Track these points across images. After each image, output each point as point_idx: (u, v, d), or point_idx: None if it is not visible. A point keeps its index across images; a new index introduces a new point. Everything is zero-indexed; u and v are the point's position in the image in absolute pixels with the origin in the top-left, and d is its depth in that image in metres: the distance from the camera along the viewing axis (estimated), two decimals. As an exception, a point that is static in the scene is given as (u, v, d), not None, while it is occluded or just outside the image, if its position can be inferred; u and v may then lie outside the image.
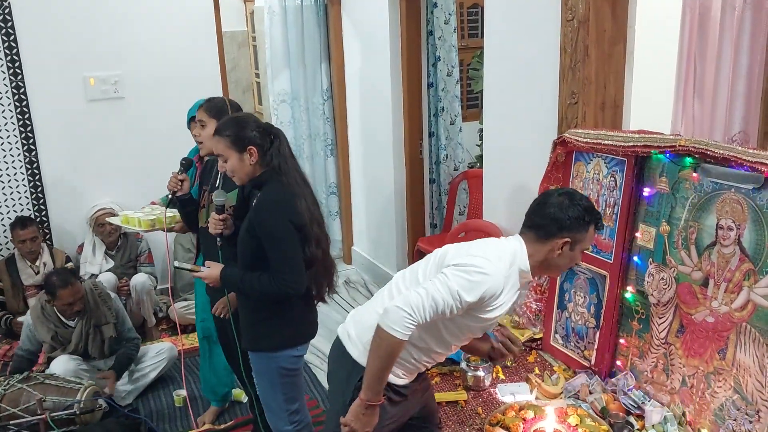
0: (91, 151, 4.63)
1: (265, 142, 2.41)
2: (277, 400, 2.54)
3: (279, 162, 2.40)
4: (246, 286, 2.41)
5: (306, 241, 2.40)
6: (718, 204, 2.25)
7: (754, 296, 2.13)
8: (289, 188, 2.39)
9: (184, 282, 4.71)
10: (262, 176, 2.42)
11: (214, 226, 2.57)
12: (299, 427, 2.59)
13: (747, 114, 2.65)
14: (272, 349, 2.48)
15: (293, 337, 2.51)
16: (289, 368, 2.52)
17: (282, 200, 2.36)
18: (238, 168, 2.41)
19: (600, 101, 2.91)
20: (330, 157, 5.53)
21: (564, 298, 2.90)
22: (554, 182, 2.94)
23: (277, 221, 2.34)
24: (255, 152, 2.39)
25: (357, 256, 5.57)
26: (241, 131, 2.39)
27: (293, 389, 2.56)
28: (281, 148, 2.42)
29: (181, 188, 2.89)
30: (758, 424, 2.12)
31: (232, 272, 2.45)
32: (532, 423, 2.35)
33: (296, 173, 2.44)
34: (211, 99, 2.92)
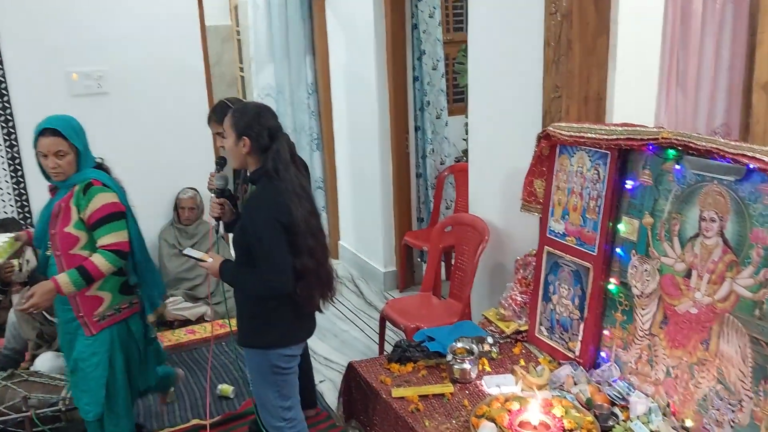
0: (75, 146, 4.59)
1: (262, 140, 2.40)
2: (270, 396, 2.54)
3: (277, 166, 2.40)
4: (237, 282, 2.44)
5: (298, 251, 2.40)
6: (700, 196, 2.27)
7: (737, 287, 2.15)
8: (283, 192, 2.38)
9: (170, 278, 4.69)
10: (257, 173, 2.44)
11: (213, 209, 2.63)
12: (292, 424, 2.59)
13: (729, 106, 2.67)
14: (264, 346, 2.49)
15: (285, 337, 2.51)
16: (281, 367, 2.53)
17: (272, 199, 2.37)
18: (230, 150, 2.47)
19: (583, 94, 2.92)
20: (316, 151, 5.52)
21: (548, 291, 2.91)
22: (539, 176, 2.95)
23: (263, 219, 2.34)
24: (248, 144, 2.41)
25: (344, 251, 5.57)
26: (243, 118, 2.42)
27: (286, 386, 2.56)
28: (281, 152, 2.41)
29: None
30: (741, 414, 2.14)
31: (229, 267, 2.48)
32: (518, 414, 2.36)
33: (295, 181, 2.42)
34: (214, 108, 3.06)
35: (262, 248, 2.34)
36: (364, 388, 2.82)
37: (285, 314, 2.48)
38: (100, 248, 2.75)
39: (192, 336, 4.43)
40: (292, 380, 2.59)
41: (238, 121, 2.42)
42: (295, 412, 2.60)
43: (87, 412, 2.87)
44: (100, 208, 2.75)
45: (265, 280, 2.35)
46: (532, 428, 2.30)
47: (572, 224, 2.78)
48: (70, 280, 2.69)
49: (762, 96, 2.37)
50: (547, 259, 2.92)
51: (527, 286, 3.06)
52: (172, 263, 4.68)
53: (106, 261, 2.74)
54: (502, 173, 3.45)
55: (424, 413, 2.51)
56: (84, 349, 2.83)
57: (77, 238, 2.77)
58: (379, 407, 2.70)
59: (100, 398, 2.86)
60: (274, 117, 2.48)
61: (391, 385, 2.70)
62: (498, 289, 3.57)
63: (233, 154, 2.47)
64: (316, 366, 3.97)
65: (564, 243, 2.82)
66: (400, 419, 2.53)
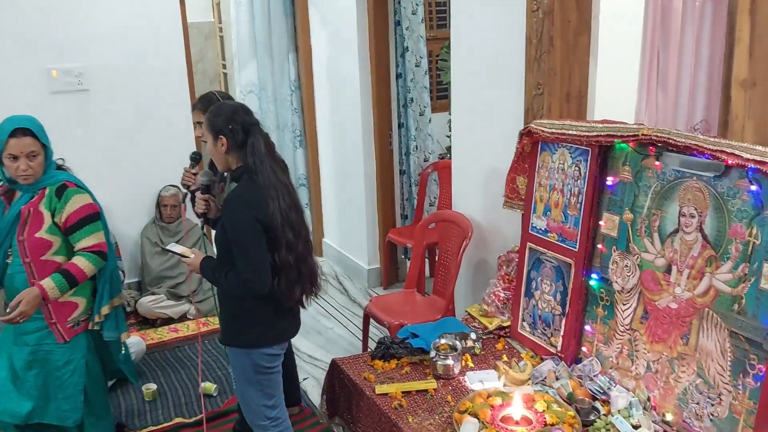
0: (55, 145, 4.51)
1: (237, 136, 2.39)
2: (253, 395, 2.53)
3: (254, 160, 2.39)
4: (217, 280, 2.42)
5: (276, 246, 2.38)
6: (680, 192, 2.29)
7: (716, 282, 2.18)
8: (261, 188, 2.37)
9: (152, 276, 4.66)
10: (238, 171, 2.44)
11: (198, 205, 2.62)
12: (276, 423, 2.58)
13: (708, 103, 2.70)
14: (246, 345, 2.47)
15: (267, 336, 2.50)
16: (264, 366, 2.51)
17: (249, 197, 2.35)
18: (212, 152, 2.46)
19: (565, 92, 2.94)
20: (299, 148, 5.50)
21: (531, 287, 2.93)
22: (521, 172, 2.97)
23: (241, 218, 2.33)
24: (225, 142, 2.40)
25: (327, 248, 5.57)
26: (215, 118, 2.42)
27: (270, 385, 2.55)
28: (256, 147, 2.40)
29: (194, 182, 2.90)
30: (719, 407, 2.17)
31: (209, 264, 2.47)
32: (500, 409, 2.38)
33: (272, 175, 2.41)
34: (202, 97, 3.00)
35: (240, 247, 2.34)
36: (347, 385, 2.82)
37: (267, 313, 2.47)
38: (82, 250, 2.70)
39: (175, 334, 4.41)
40: (275, 379, 2.58)
41: (213, 121, 2.42)
42: (279, 411, 2.59)
43: (66, 419, 2.80)
44: (78, 210, 2.70)
45: (243, 279, 2.34)
46: (514, 423, 2.32)
47: (554, 221, 2.79)
48: (56, 284, 2.63)
49: (740, 93, 2.39)
50: (530, 256, 2.93)
51: (510, 282, 3.08)
52: (155, 261, 4.65)
53: (90, 263, 2.70)
54: (485, 170, 3.46)
55: (407, 409, 2.52)
56: (59, 357, 2.75)
57: (50, 243, 2.68)
58: (362, 404, 2.70)
59: (79, 404, 2.81)
60: (248, 114, 2.47)
61: (374, 381, 2.71)
62: (481, 285, 3.59)
63: (215, 156, 2.46)
64: (300, 363, 3.97)
65: (546, 239, 2.83)
66: (383, 416, 2.54)
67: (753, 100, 2.36)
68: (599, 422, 2.31)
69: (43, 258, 2.68)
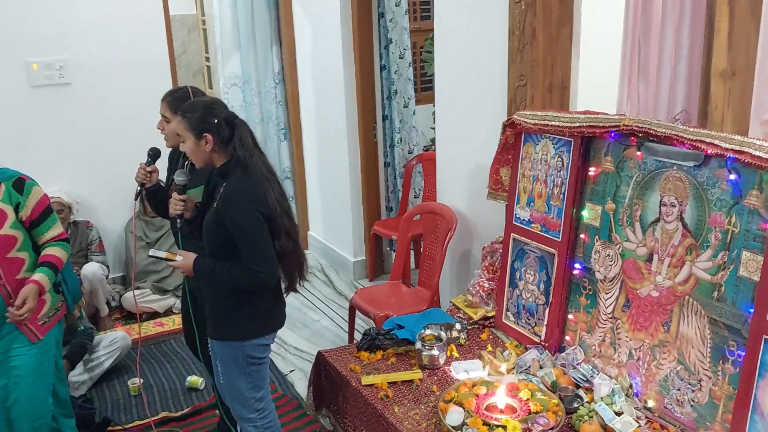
0: (36, 139, 4.50)
1: (223, 132, 2.38)
2: (243, 388, 2.52)
3: (243, 154, 2.39)
4: (218, 277, 2.40)
5: (276, 234, 2.41)
6: (661, 182, 2.32)
7: (696, 270, 2.21)
8: (255, 180, 2.38)
9: (138, 270, 4.64)
10: (227, 166, 2.41)
11: (174, 206, 2.55)
12: (263, 415, 2.58)
13: (688, 94, 2.73)
14: (239, 338, 2.48)
15: (260, 327, 2.51)
16: (256, 357, 2.52)
17: (249, 191, 2.36)
18: (193, 152, 2.42)
19: (548, 83, 2.96)
20: (283, 141, 5.49)
21: (515, 277, 2.95)
22: (505, 163, 2.99)
23: (245, 212, 2.33)
24: (211, 140, 2.37)
25: (313, 240, 5.57)
26: (200, 116, 2.38)
27: (259, 377, 2.55)
28: (243, 139, 2.40)
29: (149, 180, 2.84)
30: (700, 393, 2.21)
31: (204, 262, 2.44)
32: (485, 398, 2.40)
33: (262, 165, 2.43)
34: (174, 91, 2.85)
35: (247, 241, 2.34)
36: (333, 377, 2.84)
37: (261, 304, 2.48)
38: (54, 240, 2.66)
39: (160, 328, 4.40)
40: (264, 371, 2.58)
41: (192, 120, 2.38)
42: (266, 402, 2.60)
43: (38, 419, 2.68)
44: (40, 201, 2.65)
45: (253, 271, 2.35)
46: (499, 411, 2.34)
47: (537, 211, 2.82)
48: (48, 277, 2.57)
49: (720, 83, 2.42)
50: (513, 246, 2.96)
51: (494, 272, 3.10)
52: (139, 256, 4.63)
53: (64, 251, 2.67)
54: (469, 162, 3.48)
55: (393, 400, 2.54)
56: (29, 361, 2.63)
57: (15, 239, 2.58)
58: (348, 395, 2.72)
59: (50, 405, 2.72)
60: (225, 107, 2.47)
61: (360, 373, 2.72)
62: (466, 276, 3.61)
63: (196, 155, 2.42)
64: (286, 356, 3.98)
65: (529, 230, 2.86)
66: (369, 406, 2.56)
67: (732, 90, 2.39)
68: (583, 409, 2.34)
69: (9, 256, 2.57)
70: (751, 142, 1.98)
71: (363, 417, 2.63)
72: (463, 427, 2.26)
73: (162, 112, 2.80)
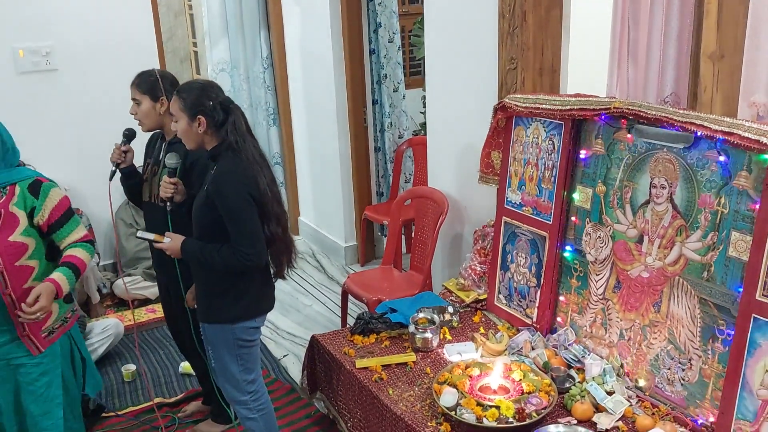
0: (23, 126, 4.41)
1: (217, 116, 2.40)
2: (235, 371, 2.54)
3: (236, 138, 2.40)
4: (207, 258, 2.41)
5: (267, 219, 2.43)
6: (651, 163, 2.34)
7: (686, 251, 2.24)
8: (246, 163, 2.39)
9: (128, 257, 4.63)
10: (218, 149, 2.43)
11: (165, 189, 2.57)
12: (255, 397, 2.60)
13: (678, 76, 2.74)
14: (228, 321, 2.49)
15: (250, 310, 2.52)
16: (246, 339, 2.54)
17: (240, 173, 2.37)
18: (185, 132, 2.43)
19: (538, 66, 2.96)
20: (272, 126, 5.47)
21: (506, 260, 2.98)
22: (496, 147, 3.00)
23: (235, 194, 2.35)
24: (204, 122, 2.39)
25: (304, 226, 5.57)
26: (196, 98, 2.39)
27: (250, 359, 2.57)
28: (237, 124, 2.42)
29: (124, 160, 2.83)
30: (690, 371, 2.24)
31: (192, 244, 2.46)
32: (478, 379, 2.43)
33: (254, 150, 2.45)
34: (142, 74, 2.81)
35: (237, 223, 2.36)
36: (327, 361, 2.86)
37: (251, 287, 2.49)
38: (78, 242, 2.50)
39: (152, 315, 4.39)
40: (255, 353, 2.60)
41: (187, 101, 2.39)
42: (258, 384, 2.62)
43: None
44: (59, 204, 2.48)
45: (242, 253, 2.36)
46: (492, 392, 2.37)
47: (528, 194, 2.83)
48: (66, 278, 2.38)
49: (709, 65, 2.44)
50: (505, 229, 2.98)
51: (486, 256, 3.12)
52: (130, 243, 4.62)
53: (87, 252, 2.50)
54: (460, 146, 3.48)
55: (387, 382, 2.56)
56: (31, 370, 2.49)
57: (26, 247, 2.41)
58: (343, 378, 2.74)
59: (59, 418, 2.57)
60: (221, 90, 2.49)
61: (354, 356, 2.74)
62: (457, 260, 3.63)
63: (188, 136, 2.43)
64: (279, 341, 3.99)
65: (521, 213, 2.87)
66: (364, 389, 2.58)
67: (721, 72, 2.40)
68: (574, 389, 2.37)
69: (17, 263, 2.40)
70: (741, 123, 2.00)
71: (357, 400, 2.65)
72: (457, 407, 2.29)
73: (132, 96, 2.79)
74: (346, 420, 2.79)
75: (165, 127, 2.77)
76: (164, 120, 2.74)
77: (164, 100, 2.72)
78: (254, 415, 2.60)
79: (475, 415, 2.24)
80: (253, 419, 2.61)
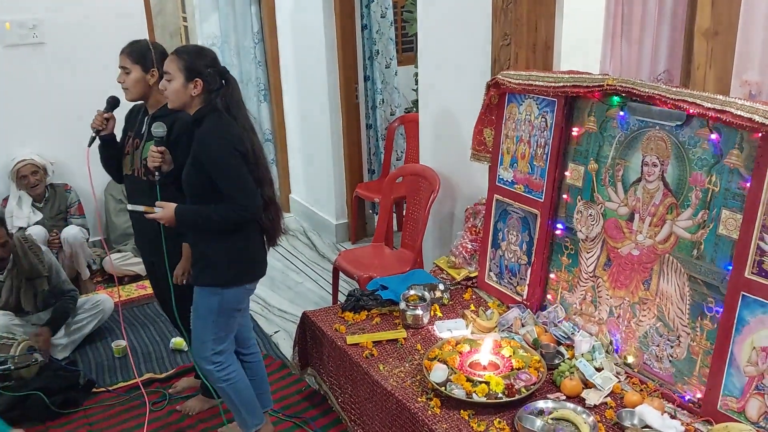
0: (9, 100, 4.40)
1: (214, 82, 2.41)
2: (206, 338, 2.55)
3: (228, 105, 2.42)
4: (203, 219, 2.42)
5: (260, 182, 2.45)
6: (643, 141, 2.33)
7: (677, 229, 2.24)
8: (232, 123, 2.41)
9: (118, 233, 4.61)
10: (202, 111, 2.43)
11: (153, 159, 2.55)
12: (220, 367, 2.59)
13: (671, 54, 2.73)
14: (223, 284, 2.49)
15: (244, 273, 2.53)
16: (232, 308, 2.54)
17: (224, 130, 2.39)
18: (176, 92, 2.41)
19: (532, 42, 2.94)
20: (263, 102, 5.43)
21: (498, 238, 2.98)
22: (488, 124, 2.98)
23: (221, 148, 2.36)
24: (200, 85, 2.40)
25: (295, 204, 5.55)
26: (197, 60, 2.40)
27: (225, 328, 2.56)
28: (233, 93, 2.45)
29: (106, 127, 2.80)
30: (678, 348, 2.26)
31: (186, 209, 2.46)
32: (468, 356, 2.44)
33: (246, 121, 2.47)
34: (134, 43, 2.79)
35: (228, 177, 2.37)
36: (319, 337, 2.86)
37: (245, 250, 2.51)
38: None
39: (143, 291, 4.38)
40: (232, 324, 2.60)
41: (188, 63, 2.39)
42: (225, 356, 2.60)
43: None
44: None
45: (239, 206, 2.38)
46: (482, 368, 2.38)
47: (520, 172, 2.83)
48: None
49: (702, 43, 2.43)
50: (496, 207, 2.97)
51: (477, 233, 3.12)
52: (120, 218, 4.59)
53: None
54: (452, 123, 3.47)
55: (378, 358, 2.57)
56: None
57: None
58: (334, 354, 2.74)
59: None
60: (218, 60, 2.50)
61: (345, 333, 2.75)
62: (449, 237, 3.63)
63: (177, 96, 2.42)
64: (270, 317, 3.99)
65: (512, 191, 2.87)
66: (355, 365, 2.59)
67: (715, 50, 2.39)
68: (563, 366, 2.39)
69: None
70: (733, 101, 1.99)
71: (348, 375, 2.66)
72: (447, 383, 2.30)
73: (122, 63, 2.75)
74: (336, 395, 2.81)
75: (150, 99, 2.75)
76: (151, 92, 2.72)
77: (155, 72, 2.69)
78: (221, 384, 2.61)
79: (464, 391, 2.25)
80: (221, 387, 2.63)
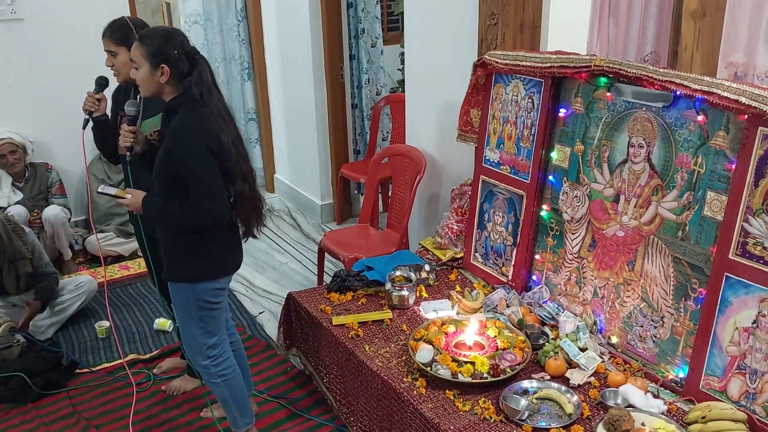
0: (-10, 77, 4.33)
1: (182, 66, 2.29)
2: (194, 333, 2.48)
3: (201, 91, 2.29)
4: (167, 215, 2.33)
5: (232, 177, 2.34)
6: (629, 122, 2.33)
7: (662, 210, 2.25)
8: (208, 117, 2.29)
9: (101, 213, 4.56)
10: (177, 101, 2.32)
11: (124, 138, 2.45)
12: (216, 362, 2.53)
13: (658, 35, 2.72)
14: (192, 280, 2.43)
15: (214, 269, 2.45)
16: (210, 301, 2.46)
17: (197, 126, 2.27)
18: (145, 80, 2.31)
19: (518, 22, 2.92)
20: (247, 81, 5.37)
21: (483, 219, 2.98)
22: (475, 105, 2.97)
23: (192, 147, 2.26)
24: (167, 72, 2.28)
25: (279, 184, 5.52)
26: (160, 46, 2.28)
27: (212, 323, 2.50)
28: (203, 76, 2.31)
29: (98, 108, 2.73)
30: (662, 329, 2.28)
31: (154, 201, 2.36)
32: (454, 336, 2.45)
33: (220, 105, 2.34)
34: (113, 24, 2.71)
35: (195, 177, 2.27)
36: (304, 318, 2.86)
37: (213, 246, 2.42)
38: None
39: (126, 272, 4.35)
40: (218, 317, 2.52)
41: (151, 49, 2.28)
42: (220, 349, 2.54)
43: None
44: None
45: (201, 209, 2.28)
46: (467, 348, 2.39)
47: (507, 153, 2.82)
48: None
49: (690, 23, 2.42)
50: (483, 188, 2.97)
51: (463, 215, 3.12)
52: (103, 198, 4.54)
53: None
54: (438, 103, 3.45)
55: (364, 339, 2.57)
56: None
57: None
58: (319, 335, 2.74)
59: None
60: (186, 39, 2.36)
61: (331, 313, 2.74)
62: (434, 218, 3.63)
63: (147, 84, 2.32)
64: (255, 298, 3.98)
65: (499, 172, 2.87)
66: (340, 345, 2.59)
67: (702, 31, 2.39)
68: (548, 346, 2.40)
69: None
70: (720, 83, 1.99)
71: (334, 356, 2.66)
72: (432, 363, 2.31)
73: (107, 47, 2.68)
74: (322, 376, 2.81)
75: None
76: None
77: None
78: (216, 380, 2.54)
79: (450, 371, 2.26)
80: (215, 384, 2.56)
